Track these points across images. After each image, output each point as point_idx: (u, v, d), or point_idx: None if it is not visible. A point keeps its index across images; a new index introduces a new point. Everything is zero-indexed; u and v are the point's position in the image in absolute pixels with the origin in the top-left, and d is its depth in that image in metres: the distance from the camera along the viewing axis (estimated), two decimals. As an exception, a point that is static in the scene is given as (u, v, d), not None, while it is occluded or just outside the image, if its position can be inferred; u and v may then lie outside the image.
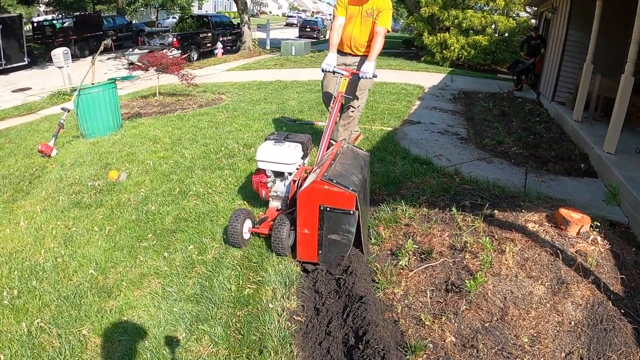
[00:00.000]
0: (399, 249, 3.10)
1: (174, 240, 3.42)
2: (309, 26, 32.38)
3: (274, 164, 3.30)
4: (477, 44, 14.80)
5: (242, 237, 3.16)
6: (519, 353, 2.32)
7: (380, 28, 4.20)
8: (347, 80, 3.91)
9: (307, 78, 11.65)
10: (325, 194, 2.71)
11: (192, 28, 18.86)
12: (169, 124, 6.81)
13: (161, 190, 4.34)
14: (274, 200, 3.45)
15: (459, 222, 3.30)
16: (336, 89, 3.90)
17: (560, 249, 3.03)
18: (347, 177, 2.83)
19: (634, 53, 4.80)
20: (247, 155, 5.21)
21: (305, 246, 2.88)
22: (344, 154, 3.19)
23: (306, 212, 2.78)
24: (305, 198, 2.77)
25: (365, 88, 4.58)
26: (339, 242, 2.79)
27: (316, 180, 2.75)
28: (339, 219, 2.73)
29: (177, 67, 8.61)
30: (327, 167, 2.89)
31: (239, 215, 3.13)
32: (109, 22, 21.77)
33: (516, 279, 2.78)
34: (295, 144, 3.38)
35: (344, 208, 2.70)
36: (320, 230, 2.79)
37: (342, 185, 2.70)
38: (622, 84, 4.94)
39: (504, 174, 5.00)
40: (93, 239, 3.56)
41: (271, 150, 3.30)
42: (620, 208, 4.31)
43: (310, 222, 2.79)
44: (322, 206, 2.73)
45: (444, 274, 2.80)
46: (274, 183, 3.44)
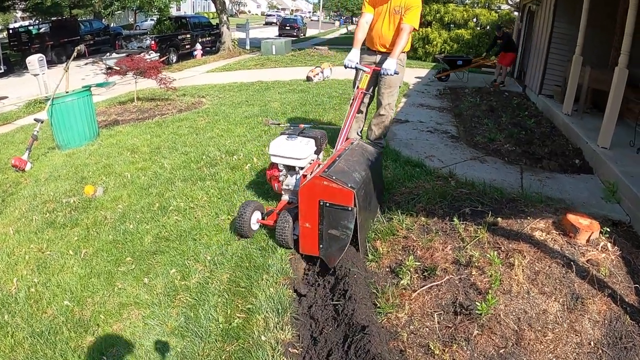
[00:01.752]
0: (399, 265, 2.88)
1: (154, 263, 3.14)
2: (288, 24, 32.07)
3: (286, 158, 3.33)
4: (460, 38, 14.69)
5: (250, 227, 3.25)
6: None
7: (406, 25, 4.11)
8: (368, 76, 3.92)
9: (289, 78, 11.36)
10: (325, 190, 2.76)
11: (170, 30, 18.59)
12: (147, 131, 6.48)
13: (139, 205, 4.04)
14: (285, 193, 3.50)
15: (461, 233, 3.09)
16: (357, 85, 3.93)
17: (571, 259, 2.85)
18: (349, 174, 2.87)
19: (628, 45, 4.66)
20: (230, 164, 4.93)
21: (307, 239, 2.93)
22: (351, 150, 3.23)
23: (307, 207, 2.85)
24: (306, 193, 2.83)
25: (394, 85, 4.50)
26: (338, 237, 2.82)
27: (316, 175, 2.81)
28: (338, 214, 2.77)
29: (155, 71, 8.31)
30: (330, 163, 2.95)
31: (247, 206, 3.23)
32: (86, 27, 21.35)
33: (528, 296, 2.58)
34: (308, 139, 3.40)
35: (342, 204, 2.74)
36: (320, 225, 2.84)
37: (342, 181, 2.73)
38: (616, 77, 4.81)
39: (499, 173, 4.83)
40: (68, 264, 3.27)
41: (283, 145, 3.34)
42: (620, 205, 4.18)
43: (311, 217, 2.85)
44: (321, 201, 2.78)
45: (450, 293, 2.59)
46: (285, 177, 3.48)
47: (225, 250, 3.20)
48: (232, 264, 3.03)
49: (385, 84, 4.44)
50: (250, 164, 4.93)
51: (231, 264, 3.03)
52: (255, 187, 4.27)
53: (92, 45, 20.38)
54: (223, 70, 13.83)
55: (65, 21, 20.20)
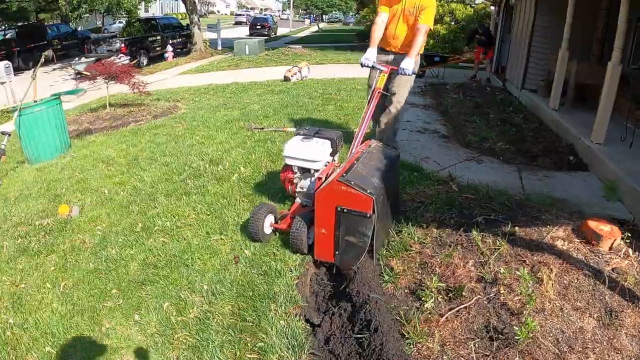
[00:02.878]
0: (419, 286, 2.65)
1: (144, 295, 2.80)
2: (259, 24, 31.77)
3: (300, 160, 3.23)
4: (436, 34, 14.64)
5: (264, 231, 3.15)
6: None
7: (422, 25, 4.07)
8: (385, 76, 3.84)
9: (265, 78, 11.01)
10: (343, 195, 2.65)
11: (140, 32, 18.11)
12: (122, 140, 6.04)
13: (121, 226, 3.66)
14: (299, 196, 3.40)
15: (479, 246, 2.88)
16: (374, 85, 3.84)
17: (596, 269, 2.69)
18: (367, 178, 2.75)
19: (621, 41, 4.58)
20: (215, 175, 4.59)
21: (322, 245, 2.83)
22: (369, 153, 3.10)
23: (323, 212, 2.74)
24: (323, 198, 2.73)
25: (407, 85, 4.44)
26: (355, 244, 2.71)
27: (334, 180, 2.69)
28: (355, 221, 2.66)
29: (128, 76, 7.91)
30: (348, 167, 2.82)
31: (261, 209, 3.14)
32: (53, 31, 20.56)
33: (562, 314, 2.40)
34: (324, 141, 3.28)
35: (360, 210, 2.62)
36: (336, 231, 2.73)
37: (360, 187, 2.62)
38: (610, 73, 4.73)
39: (497, 174, 4.68)
40: (46, 299, 2.89)
41: (298, 147, 3.23)
42: (622, 203, 4.08)
43: (327, 222, 2.74)
44: (339, 207, 2.67)
45: (481, 316, 2.37)
46: (300, 179, 3.37)
47: (224, 277, 2.89)
48: (233, 293, 2.72)
49: (398, 83, 4.35)
50: (237, 174, 4.60)
51: (232, 293, 2.72)
52: (246, 200, 3.96)
53: (60, 50, 19.75)
54: (196, 72, 13.34)
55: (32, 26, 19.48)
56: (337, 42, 23.01)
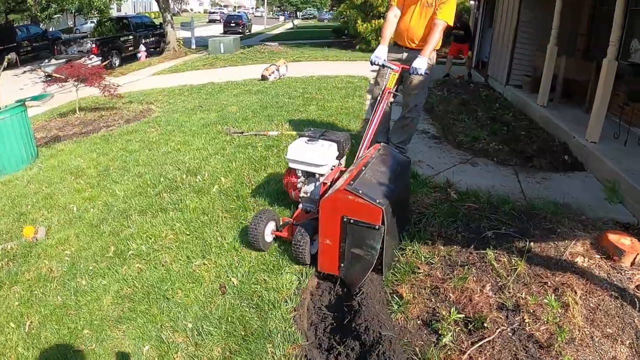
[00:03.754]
0: (432, 316, 2.37)
1: (119, 336, 2.43)
2: (233, 21, 31.43)
3: (305, 164, 3.03)
4: (413, 29, 14.44)
5: (264, 239, 2.99)
6: None
7: (440, 21, 3.75)
8: (396, 75, 3.55)
9: (241, 77, 10.58)
10: (349, 205, 2.47)
11: (111, 32, 17.45)
12: (93, 148, 5.58)
13: (91, 251, 3.26)
14: (303, 202, 3.19)
15: (494, 265, 2.63)
16: (384, 84, 3.62)
17: (620, 287, 2.47)
18: (376, 187, 2.58)
19: (617, 36, 4.42)
20: (194, 187, 4.21)
21: (326, 257, 2.67)
22: (379, 158, 2.90)
23: (328, 222, 2.57)
24: (328, 207, 2.56)
25: (423, 86, 4.14)
26: (362, 257, 2.53)
27: (340, 189, 2.51)
28: (362, 233, 2.48)
29: (98, 78, 7.46)
30: (355, 174, 2.64)
31: (262, 216, 2.96)
32: (23, 32, 19.64)
33: (593, 343, 2.16)
34: (330, 143, 3.11)
35: (369, 222, 2.44)
36: (342, 243, 2.56)
37: (369, 197, 2.43)
38: (605, 69, 4.57)
39: (495, 178, 4.46)
40: (10, 341, 2.53)
41: (303, 149, 3.04)
42: (624, 205, 3.91)
43: (332, 233, 2.57)
44: (345, 217, 2.49)
45: (507, 351, 2.11)
46: (304, 184, 3.19)
47: (210, 312, 2.54)
48: (221, 332, 2.39)
49: (413, 84, 4.07)
50: (217, 185, 4.24)
51: (221, 332, 2.38)
52: (229, 217, 3.60)
53: (30, 52, 18.94)
54: (170, 72, 12.78)
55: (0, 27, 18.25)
56: (313, 39, 22.64)
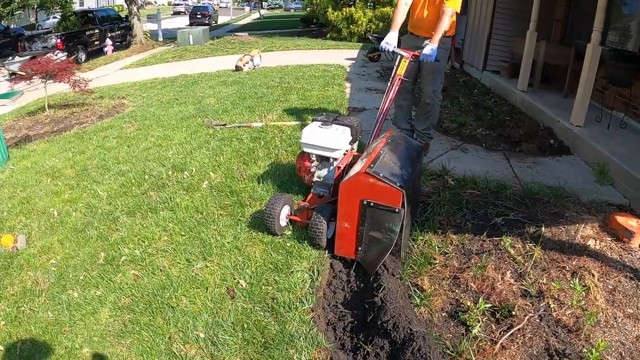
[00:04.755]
0: (457, 307, 2.31)
1: (124, 353, 2.25)
2: (199, 12, 30.80)
3: (319, 148, 3.05)
4: (385, 16, 14.40)
5: (279, 224, 2.98)
6: None
7: (448, 8, 3.78)
8: (406, 62, 3.57)
9: (214, 69, 10.23)
10: (370, 188, 2.49)
11: (76, 26, 16.88)
12: (67, 147, 5.23)
13: (79, 259, 3.02)
14: (317, 186, 3.20)
15: (510, 253, 2.59)
16: (395, 71, 3.60)
17: (633, 268, 2.50)
18: (396, 171, 2.59)
19: (600, 21, 4.47)
20: (182, 183, 4.00)
21: (343, 241, 2.68)
22: (395, 143, 2.90)
23: (347, 205, 2.59)
24: (348, 190, 2.57)
25: (438, 71, 4.15)
26: (381, 241, 2.55)
27: (360, 172, 2.51)
28: (382, 216, 2.50)
29: (67, 73, 7.07)
30: (374, 158, 2.62)
31: (277, 200, 2.95)
32: None
33: (617, 324, 2.16)
34: (344, 128, 3.12)
35: (389, 205, 2.47)
36: (360, 226, 2.58)
37: (389, 180, 2.46)
38: (590, 54, 4.61)
39: (487, 163, 4.45)
40: None
41: (317, 133, 3.06)
42: (614, 187, 3.98)
43: (350, 216, 2.59)
44: (365, 201, 2.52)
45: (538, 338, 2.07)
46: (318, 168, 3.20)
47: (222, 318, 2.38)
48: (238, 340, 2.24)
49: (428, 70, 4.10)
50: (207, 180, 4.04)
51: (237, 340, 2.24)
52: (225, 214, 3.43)
53: None
54: (139, 66, 12.25)
55: None
56: (282, 29, 22.28)
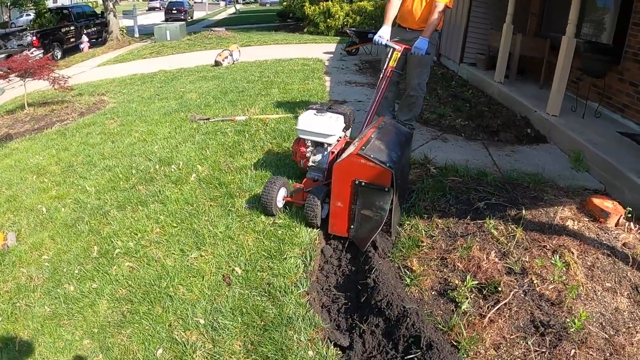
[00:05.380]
0: (445, 286, 2.43)
1: (125, 342, 2.28)
2: (175, 8, 30.34)
3: (314, 134, 3.22)
4: (362, 10, 14.51)
5: (276, 205, 3.13)
6: None
7: (440, 3, 3.97)
8: (398, 54, 3.74)
9: (193, 64, 10.16)
10: (361, 169, 2.64)
11: (52, 23, 16.46)
12: (50, 144, 5.16)
13: (72, 253, 3.02)
14: (312, 170, 3.38)
15: (493, 234, 2.73)
16: (387, 63, 3.77)
17: (610, 246, 2.66)
18: (386, 152, 2.75)
19: (575, 14, 4.66)
20: (170, 177, 4.02)
21: (337, 219, 2.83)
22: (385, 129, 3.09)
23: (340, 185, 2.74)
24: (341, 171, 2.72)
25: (425, 65, 4.34)
26: (371, 219, 2.69)
27: (353, 153, 2.67)
28: (373, 195, 2.66)
29: (47, 70, 7.00)
30: (365, 141, 2.80)
31: (274, 183, 3.10)
32: None
33: (597, 296, 2.32)
34: (337, 115, 3.30)
35: (379, 184, 2.62)
36: (353, 205, 2.73)
37: (380, 161, 2.61)
38: (565, 46, 4.80)
39: (467, 152, 4.61)
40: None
41: (312, 121, 3.24)
42: (590, 173, 4.18)
43: (343, 196, 2.75)
44: (357, 181, 2.66)
45: (524, 311, 2.21)
46: (312, 153, 3.37)
47: (220, 304, 2.45)
48: (238, 324, 2.31)
49: (415, 63, 4.25)
50: (195, 173, 4.07)
51: (237, 324, 2.30)
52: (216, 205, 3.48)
53: None
54: (116, 62, 12.07)
55: None
56: (258, 23, 22.14)
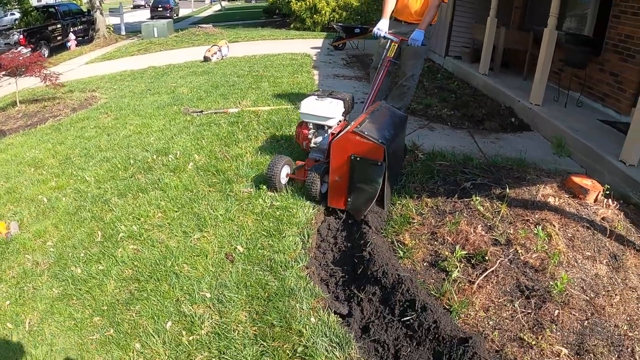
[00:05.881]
0: (436, 257, 2.59)
1: (135, 318, 2.40)
2: (160, 5, 30.17)
3: (315, 117, 3.44)
4: (348, 6, 14.65)
5: (280, 181, 3.38)
6: (628, 342, 2.09)
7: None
8: (395, 45, 3.96)
9: (182, 60, 10.19)
10: (357, 145, 2.85)
11: (38, 21, 16.58)
12: (45, 139, 5.20)
13: (76, 239, 3.12)
14: (313, 151, 3.58)
15: (480, 210, 2.90)
16: (385, 54, 3.97)
17: (589, 219, 2.85)
18: (379, 131, 2.95)
19: (556, 7, 4.85)
20: (168, 166, 4.12)
21: (335, 192, 3.06)
22: (380, 111, 3.37)
23: (338, 161, 2.95)
24: (338, 147, 2.93)
25: (419, 57, 4.56)
26: (366, 191, 2.93)
27: (349, 131, 2.89)
28: (368, 168, 2.87)
29: (38, 67, 7.06)
30: (361, 121, 3.04)
31: (278, 161, 3.37)
32: None
33: (577, 264, 2.50)
34: (337, 101, 3.50)
35: (373, 159, 2.83)
36: (350, 179, 2.94)
37: (373, 137, 2.82)
38: (546, 38, 4.99)
39: (453, 140, 4.78)
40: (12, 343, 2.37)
41: (313, 105, 3.45)
42: (572, 158, 4.37)
43: (341, 171, 2.96)
44: (353, 156, 2.87)
45: (510, 277, 2.38)
46: (314, 136, 3.58)
47: (225, 279, 2.57)
48: (243, 296, 2.44)
49: (410, 54, 4.44)
50: (192, 162, 4.18)
51: (242, 296, 2.44)
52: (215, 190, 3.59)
53: None
54: (104, 60, 12.03)
55: None
56: (245, 20, 22.16)
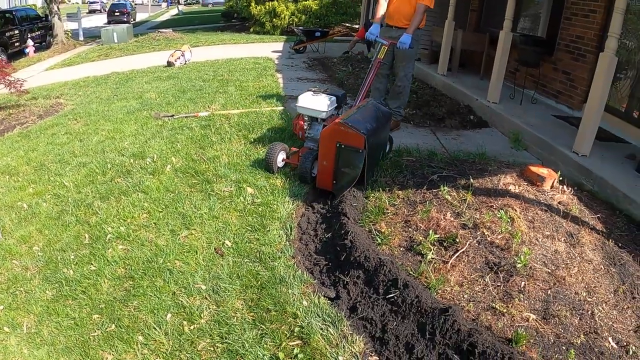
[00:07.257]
0: (411, 242, 2.85)
1: (135, 313, 2.50)
2: (117, 10, 29.62)
3: (310, 110, 3.85)
4: (308, 10, 14.91)
5: (277, 164, 3.86)
6: (587, 307, 2.40)
7: (420, 5, 4.53)
8: (386, 48, 4.35)
9: (144, 65, 10.08)
10: (342, 134, 3.30)
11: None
12: (15, 146, 5.11)
13: (64, 242, 3.16)
14: (308, 141, 3.97)
15: (448, 199, 3.18)
16: (375, 55, 4.38)
17: (547, 204, 3.17)
18: (362, 123, 3.38)
19: (511, 10, 5.26)
20: (147, 169, 4.19)
21: (323, 175, 3.50)
22: (366, 107, 3.77)
23: (326, 148, 3.40)
24: (327, 136, 3.40)
25: (410, 59, 4.86)
26: (348, 174, 3.37)
27: (335, 122, 3.37)
28: (350, 154, 3.31)
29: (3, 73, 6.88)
30: (348, 115, 3.49)
31: (276, 147, 3.85)
32: None
33: (539, 242, 2.81)
34: (331, 96, 3.92)
35: (355, 146, 3.27)
36: (335, 163, 3.37)
37: (356, 128, 3.26)
38: (502, 39, 5.39)
39: (417, 137, 5.03)
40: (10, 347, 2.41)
41: (309, 99, 3.87)
42: (528, 151, 4.73)
43: (328, 156, 3.40)
44: (338, 143, 3.31)
45: (479, 256, 2.66)
46: (309, 127, 3.97)
47: (217, 272, 2.72)
48: (237, 286, 2.59)
49: (401, 57, 4.77)
50: (170, 165, 4.26)
51: (236, 286, 2.59)
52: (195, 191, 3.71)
53: None
54: (65, 66, 11.68)
55: None
56: (204, 24, 22.03)
